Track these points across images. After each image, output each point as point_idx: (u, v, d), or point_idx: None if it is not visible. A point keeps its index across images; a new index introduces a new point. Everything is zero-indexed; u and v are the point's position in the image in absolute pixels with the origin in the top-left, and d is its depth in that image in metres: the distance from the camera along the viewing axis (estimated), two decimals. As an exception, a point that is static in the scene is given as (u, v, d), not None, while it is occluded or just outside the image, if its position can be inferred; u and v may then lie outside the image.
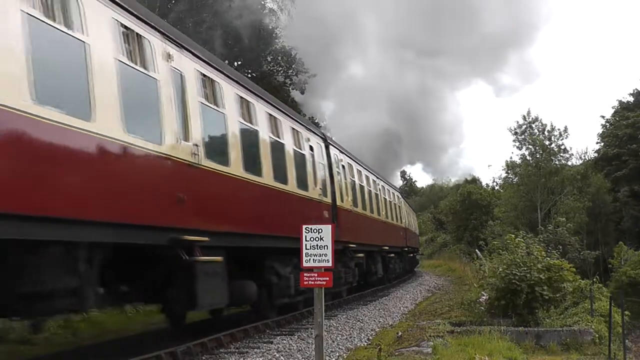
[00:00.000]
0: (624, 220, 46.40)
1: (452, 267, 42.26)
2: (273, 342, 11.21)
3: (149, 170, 8.10)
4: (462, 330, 12.62)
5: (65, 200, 6.49)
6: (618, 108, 53.10)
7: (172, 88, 8.77)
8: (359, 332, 13.04)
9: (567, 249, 34.13)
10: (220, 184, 10.01)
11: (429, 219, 74.35)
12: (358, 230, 19.59)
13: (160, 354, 8.82)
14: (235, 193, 10.72)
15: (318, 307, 7.84)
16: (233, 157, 10.54)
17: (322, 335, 7.90)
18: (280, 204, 12.75)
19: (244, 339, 11.54)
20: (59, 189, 6.44)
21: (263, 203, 11.84)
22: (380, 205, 24.91)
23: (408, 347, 10.62)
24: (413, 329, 12.88)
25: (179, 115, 8.87)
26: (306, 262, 7.74)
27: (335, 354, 10.27)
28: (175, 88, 8.85)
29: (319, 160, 16.00)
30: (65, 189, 6.53)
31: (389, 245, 25.88)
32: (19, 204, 5.86)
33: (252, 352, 10.17)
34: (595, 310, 15.34)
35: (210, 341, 10.35)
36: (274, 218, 12.37)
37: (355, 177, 20.42)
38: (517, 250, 15.16)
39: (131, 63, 7.89)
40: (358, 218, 19.96)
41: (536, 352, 12.01)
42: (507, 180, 50.33)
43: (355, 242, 18.67)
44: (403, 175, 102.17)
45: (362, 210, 20.86)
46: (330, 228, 7.80)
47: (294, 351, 10.34)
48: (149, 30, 8.44)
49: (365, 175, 22.52)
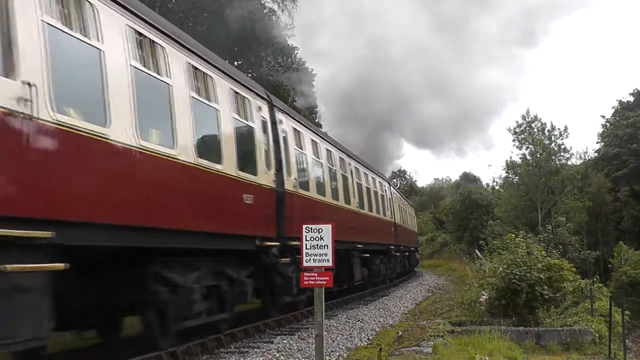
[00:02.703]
0: (624, 219, 46.35)
1: (452, 267, 42.27)
2: (273, 342, 11.22)
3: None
4: (462, 330, 12.62)
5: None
6: (618, 108, 53.10)
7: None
8: (359, 331, 13.05)
9: (567, 249, 34.17)
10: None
11: (429, 219, 74.30)
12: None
13: (160, 354, 8.82)
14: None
15: (318, 306, 7.84)
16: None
17: (323, 334, 7.90)
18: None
19: (244, 339, 11.55)
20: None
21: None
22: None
23: (408, 346, 10.61)
24: (413, 328, 12.87)
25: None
26: (306, 262, 7.77)
27: (336, 354, 10.28)
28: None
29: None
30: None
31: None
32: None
33: (252, 351, 10.17)
34: (595, 310, 15.34)
35: (211, 341, 10.35)
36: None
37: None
38: (517, 250, 15.15)
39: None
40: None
41: (536, 352, 12.01)
42: (507, 180, 50.32)
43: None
44: (403, 175, 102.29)
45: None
46: (330, 228, 7.81)
47: (294, 351, 10.34)
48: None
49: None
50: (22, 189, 5.98)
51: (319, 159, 16.45)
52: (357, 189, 20.65)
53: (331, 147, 18.33)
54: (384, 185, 27.82)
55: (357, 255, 19.76)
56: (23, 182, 5.99)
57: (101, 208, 7.11)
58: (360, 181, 21.58)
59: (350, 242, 18.35)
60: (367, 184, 22.78)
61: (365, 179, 22.59)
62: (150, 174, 8.15)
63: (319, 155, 16.51)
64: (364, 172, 22.63)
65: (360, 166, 22.26)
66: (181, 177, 8.83)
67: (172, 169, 8.60)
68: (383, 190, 26.87)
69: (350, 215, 19.23)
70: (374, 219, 23.31)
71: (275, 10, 37.29)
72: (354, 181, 20.45)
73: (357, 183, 20.85)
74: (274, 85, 30.99)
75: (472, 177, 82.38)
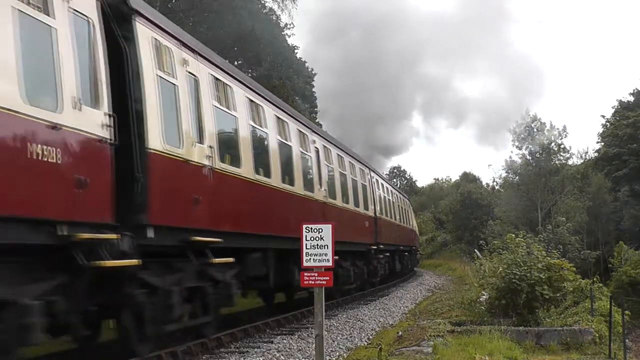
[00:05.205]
0: (624, 219, 46.38)
1: (452, 267, 42.27)
2: (273, 342, 11.21)
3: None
4: (462, 330, 12.61)
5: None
6: (618, 108, 53.19)
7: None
8: (360, 331, 13.05)
9: (567, 249, 34.20)
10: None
11: (429, 219, 74.29)
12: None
13: (160, 353, 8.82)
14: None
15: (318, 306, 7.84)
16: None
17: (323, 334, 7.90)
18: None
19: (244, 339, 11.54)
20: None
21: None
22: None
23: (408, 346, 10.62)
24: (413, 328, 12.87)
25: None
26: (306, 262, 7.76)
27: (336, 354, 10.28)
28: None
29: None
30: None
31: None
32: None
33: (253, 351, 10.17)
34: (595, 309, 15.32)
35: (211, 341, 10.34)
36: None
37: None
38: (517, 249, 15.14)
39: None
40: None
41: (536, 352, 11.99)
42: (507, 179, 50.37)
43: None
44: (403, 175, 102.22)
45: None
46: (331, 228, 7.80)
47: (294, 351, 10.34)
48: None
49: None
50: (218, 215, 9.82)
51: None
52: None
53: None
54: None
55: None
56: (221, 210, 10.01)
57: (245, 222, 10.82)
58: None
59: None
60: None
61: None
62: (269, 198, 11.89)
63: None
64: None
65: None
66: (291, 199, 13.16)
67: (277, 194, 12.30)
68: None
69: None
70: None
71: (275, 10, 37.31)
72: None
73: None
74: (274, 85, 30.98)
75: (472, 177, 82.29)
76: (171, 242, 8.64)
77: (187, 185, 8.99)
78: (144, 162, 7.84)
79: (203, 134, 9.51)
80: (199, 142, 9.33)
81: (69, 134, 6.51)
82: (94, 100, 7.11)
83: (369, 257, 21.68)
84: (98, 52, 7.29)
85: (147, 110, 8.02)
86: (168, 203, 8.45)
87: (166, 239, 8.43)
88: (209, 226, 9.47)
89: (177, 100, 8.90)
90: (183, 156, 8.80)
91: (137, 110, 7.93)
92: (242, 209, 10.94)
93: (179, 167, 8.75)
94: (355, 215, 19.90)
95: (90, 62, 7.18)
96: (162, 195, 8.24)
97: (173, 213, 8.59)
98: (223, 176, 10.05)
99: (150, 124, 8.02)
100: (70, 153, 6.50)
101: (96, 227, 6.93)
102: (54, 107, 6.40)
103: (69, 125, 6.51)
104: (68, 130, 6.50)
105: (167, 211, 8.38)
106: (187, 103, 9.17)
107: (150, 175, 7.90)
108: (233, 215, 10.50)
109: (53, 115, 6.32)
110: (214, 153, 9.69)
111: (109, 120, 7.22)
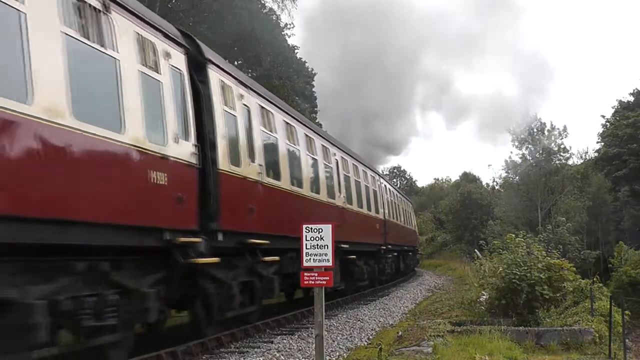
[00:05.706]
0: (624, 219, 46.40)
1: (452, 267, 42.26)
2: (273, 342, 11.21)
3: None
4: (462, 330, 12.61)
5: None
6: (618, 108, 53.21)
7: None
8: (360, 331, 13.05)
9: (567, 249, 34.19)
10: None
11: (430, 219, 74.31)
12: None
13: (160, 353, 8.83)
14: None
15: (318, 306, 7.84)
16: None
17: (323, 334, 7.90)
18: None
19: (244, 339, 11.54)
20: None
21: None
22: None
23: (408, 346, 10.62)
24: (413, 328, 12.87)
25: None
26: (306, 262, 7.76)
27: (336, 354, 10.28)
28: None
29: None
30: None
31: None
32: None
33: (253, 351, 10.18)
34: (595, 309, 15.32)
35: (211, 341, 10.35)
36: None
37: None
38: (517, 249, 15.14)
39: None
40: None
41: (536, 352, 11.99)
42: (507, 179, 50.38)
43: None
44: (403, 175, 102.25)
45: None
46: (331, 228, 7.81)
47: (295, 350, 10.34)
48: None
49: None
50: (265, 221, 11.55)
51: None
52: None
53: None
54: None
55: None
56: (268, 217, 11.73)
57: (284, 226, 12.01)
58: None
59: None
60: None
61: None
62: (301, 205, 13.72)
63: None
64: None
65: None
66: (317, 206, 14.96)
67: (307, 201, 14.19)
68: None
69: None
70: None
71: (275, 10, 37.34)
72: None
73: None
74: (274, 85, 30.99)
75: (472, 177, 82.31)
76: (233, 244, 10.48)
77: (245, 198, 11.03)
78: (216, 180, 9.80)
79: (254, 154, 11.48)
80: (252, 161, 11.29)
81: (172, 162, 8.55)
82: (186, 134, 9.08)
83: (379, 257, 23.74)
84: (187, 95, 9.34)
85: (218, 138, 10.01)
86: (232, 212, 10.33)
87: (230, 242, 10.26)
88: (259, 230, 11.38)
89: (237, 129, 10.98)
90: (242, 174, 10.84)
91: (211, 139, 9.90)
92: (282, 215, 12.75)
93: (240, 183, 10.78)
94: (368, 218, 21.81)
95: (182, 103, 9.21)
96: (228, 206, 10.13)
97: (236, 220, 10.51)
98: (269, 189, 12.13)
99: (220, 150, 10.05)
100: (173, 176, 8.48)
101: (186, 233, 8.82)
102: (163, 142, 8.41)
103: (172, 155, 8.54)
104: (172, 159, 8.54)
105: (231, 219, 10.26)
106: (243, 130, 11.21)
107: (221, 190, 9.85)
108: (276, 221, 12.33)
109: (162, 149, 8.34)
110: (263, 170, 11.71)
111: (196, 149, 9.25)
